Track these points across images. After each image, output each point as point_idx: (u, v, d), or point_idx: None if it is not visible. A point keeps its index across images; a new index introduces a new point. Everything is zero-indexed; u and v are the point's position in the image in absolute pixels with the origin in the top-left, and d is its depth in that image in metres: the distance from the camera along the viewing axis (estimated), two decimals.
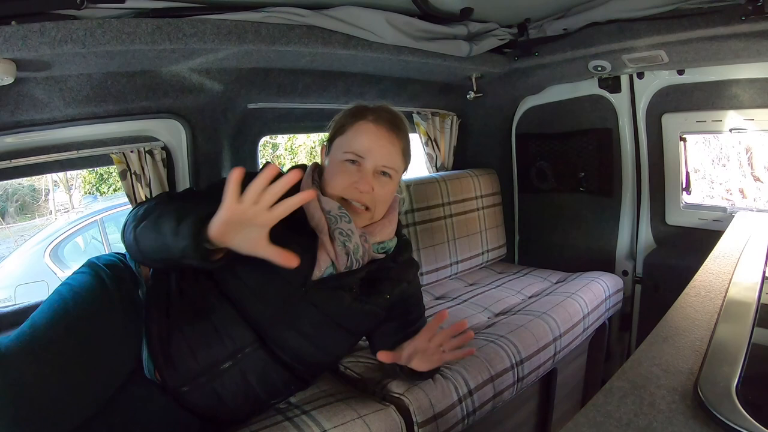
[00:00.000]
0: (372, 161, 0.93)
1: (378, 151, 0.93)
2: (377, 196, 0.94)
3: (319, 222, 0.91)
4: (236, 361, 0.87)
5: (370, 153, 0.93)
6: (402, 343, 0.99)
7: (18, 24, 0.85)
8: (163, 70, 1.19)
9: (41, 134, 1.17)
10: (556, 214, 2.04)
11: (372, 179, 0.93)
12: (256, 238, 0.69)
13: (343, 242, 0.91)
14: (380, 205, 0.96)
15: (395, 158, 0.96)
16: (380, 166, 0.94)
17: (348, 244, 0.91)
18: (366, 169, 0.93)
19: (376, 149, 0.93)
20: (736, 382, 0.54)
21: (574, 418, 0.50)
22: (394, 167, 0.96)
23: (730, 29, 1.24)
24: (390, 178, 0.96)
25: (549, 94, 1.95)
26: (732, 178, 3.05)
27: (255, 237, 0.69)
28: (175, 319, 0.88)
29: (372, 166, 0.93)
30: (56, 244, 3.66)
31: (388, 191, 0.97)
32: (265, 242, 0.69)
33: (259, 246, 0.69)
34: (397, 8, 1.26)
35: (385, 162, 0.94)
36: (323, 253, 0.92)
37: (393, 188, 0.99)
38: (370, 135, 0.94)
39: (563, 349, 1.38)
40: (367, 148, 0.93)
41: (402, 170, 1.01)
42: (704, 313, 0.75)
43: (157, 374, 0.86)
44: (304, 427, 0.88)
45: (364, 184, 0.92)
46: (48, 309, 0.78)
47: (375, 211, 0.96)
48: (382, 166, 0.94)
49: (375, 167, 0.93)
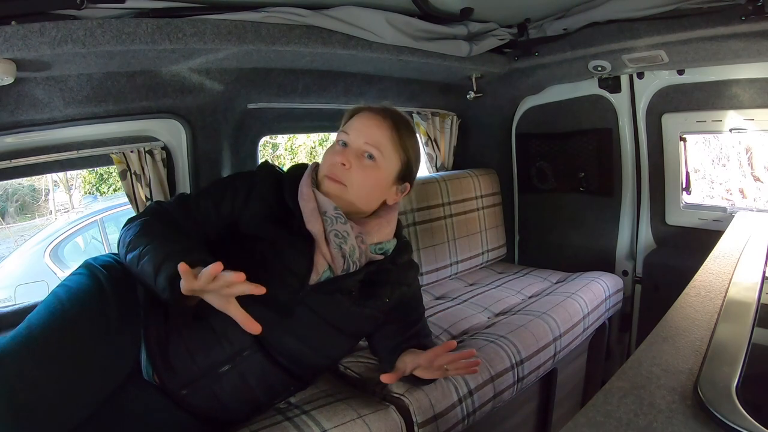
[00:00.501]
0: (355, 139, 0.94)
1: (364, 131, 0.94)
2: (355, 177, 0.92)
3: (315, 224, 0.90)
4: (235, 364, 0.87)
5: (356, 131, 0.95)
6: (403, 349, 0.99)
7: (18, 24, 0.85)
8: (163, 70, 1.19)
9: (41, 134, 1.17)
10: (556, 214, 2.03)
11: (353, 157, 0.93)
12: (224, 302, 0.74)
13: (339, 244, 0.90)
14: (357, 189, 0.93)
15: (382, 140, 0.94)
16: (363, 143, 0.93)
17: (344, 246, 0.90)
18: (350, 147, 0.94)
19: (363, 128, 0.95)
20: (736, 382, 0.54)
21: (574, 418, 0.50)
22: (378, 148, 0.93)
23: (730, 29, 1.24)
24: (374, 161, 0.93)
25: (549, 94, 1.95)
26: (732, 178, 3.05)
27: (223, 301, 0.74)
28: (173, 322, 0.87)
29: (355, 144, 0.94)
30: (56, 244, 3.66)
31: (370, 177, 0.94)
32: (234, 305, 0.74)
33: (228, 308, 0.74)
34: (397, 8, 1.26)
35: (367, 140, 0.93)
36: (320, 257, 0.91)
37: (378, 177, 0.94)
38: (362, 119, 0.96)
39: (563, 349, 1.38)
40: (354, 126, 0.95)
41: (395, 163, 0.96)
42: (704, 313, 0.75)
43: (155, 377, 0.86)
44: (304, 427, 0.88)
45: (341, 156, 0.92)
46: (44, 310, 0.78)
47: (350, 191, 0.93)
48: (364, 144, 0.93)
49: (358, 146, 0.94)
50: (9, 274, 3.48)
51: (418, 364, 0.93)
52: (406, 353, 0.98)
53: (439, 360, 0.90)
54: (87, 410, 0.75)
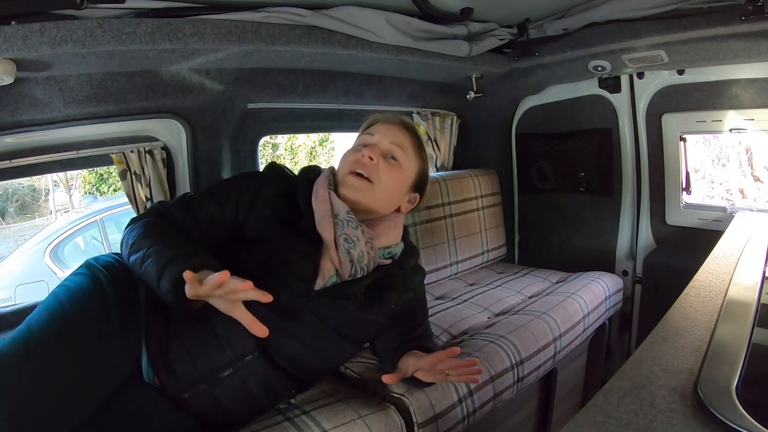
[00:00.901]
0: (380, 139, 0.97)
1: (388, 133, 0.98)
2: (381, 175, 0.95)
3: (326, 226, 0.89)
4: (236, 368, 0.86)
5: (380, 133, 0.99)
6: (405, 351, 0.99)
7: (18, 24, 0.85)
8: (163, 70, 1.19)
9: (41, 134, 1.17)
10: (556, 214, 2.03)
11: (378, 154, 0.95)
12: (229, 306, 0.74)
13: (348, 249, 0.89)
14: (382, 187, 0.95)
15: (405, 142, 0.99)
16: (387, 144, 0.97)
17: (352, 251, 0.90)
18: (374, 146, 0.97)
19: (386, 130, 0.99)
20: (736, 382, 0.54)
21: (574, 418, 0.50)
22: (402, 148, 0.98)
23: (730, 29, 1.24)
24: (397, 162, 0.97)
25: (549, 94, 1.95)
26: (732, 178, 3.05)
27: (228, 305, 0.73)
28: (174, 325, 0.87)
29: (379, 144, 0.97)
30: (56, 244, 3.65)
31: (394, 177, 0.97)
32: (240, 309, 0.74)
33: (233, 312, 0.74)
34: (397, 8, 1.26)
35: (392, 140, 0.97)
36: (327, 261, 0.90)
37: (398, 177, 0.98)
38: (381, 126, 1.00)
39: (563, 349, 1.38)
40: (377, 129, 0.99)
41: (414, 167, 1.01)
42: (704, 313, 0.75)
43: (156, 379, 0.85)
44: (304, 428, 0.88)
45: (368, 151, 0.94)
46: (44, 311, 0.78)
47: (375, 189, 0.94)
48: (389, 144, 0.97)
49: (382, 145, 0.97)
50: (9, 274, 3.48)
51: (420, 366, 0.92)
52: (408, 355, 0.98)
53: (442, 365, 0.90)
54: (87, 412, 0.75)
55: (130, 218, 0.92)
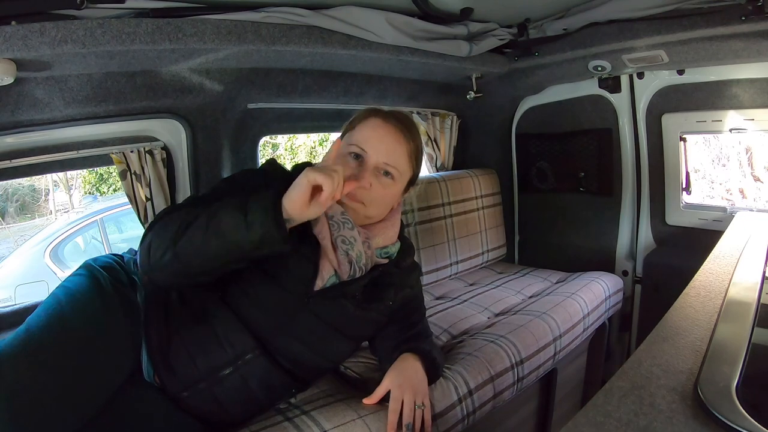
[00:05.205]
0: (374, 157, 0.90)
1: (382, 148, 0.90)
2: (374, 195, 0.91)
3: (322, 229, 0.89)
4: (237, 367, 0.86)
5: (374, 148, 0.90)
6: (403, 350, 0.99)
7: (18, 24, 0.85)
8: (163, 70, 1.19)
9: (41, 134, 1.17)
10: (556, 214, 2.03)
11: (371, 176, 0.90)
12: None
13: (346, 251, 0.89)
14: (375, 205, 0.93)
15: (400, 159, 0.93)
16: (382, 163, 0.90)
17: (351, 252, 0.90)
18: (367, 165, 0.90)
19: (381, 145, 0.91)
20: (736, 382, 0.54)
21: (574, 418, 0.50)
22: (397, 167, 0.92)
23: (730, 29, 1.24)
24: (392, 179, 0.92)
25: (549, 94, 1.95)
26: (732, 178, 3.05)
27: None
28: (174, 324, 0.87)
29: (374, 162, 0.90)
30: (56, 244, 3.66)
31: (388, 193, 0.94)
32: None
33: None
34: (397, 8, 1.26)
35: (387, 159, 0.90)
36: (326, 263, 0.90)
37: (394, 192, 0.95)
38: (378, 129, 0.92)
39: (563, 349, 1.38)
40: (371, 143, 0.90)
41: (408, 175, 0.97)
42: (704, 313, 0.75)
43: (156, 379, 0.86)
44: (304, 428, 0.88)
45: (363, 179, 0.89)
46: (43, 312, 0.78)
47: (368, 208, 0.92)
48: (384, 164, 0.91)
49: (377, 164, 0.90)
50: (9, 274, 3.48)
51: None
52: (400, 359, 0.97)
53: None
54: (88, 412, 0.75)
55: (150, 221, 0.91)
